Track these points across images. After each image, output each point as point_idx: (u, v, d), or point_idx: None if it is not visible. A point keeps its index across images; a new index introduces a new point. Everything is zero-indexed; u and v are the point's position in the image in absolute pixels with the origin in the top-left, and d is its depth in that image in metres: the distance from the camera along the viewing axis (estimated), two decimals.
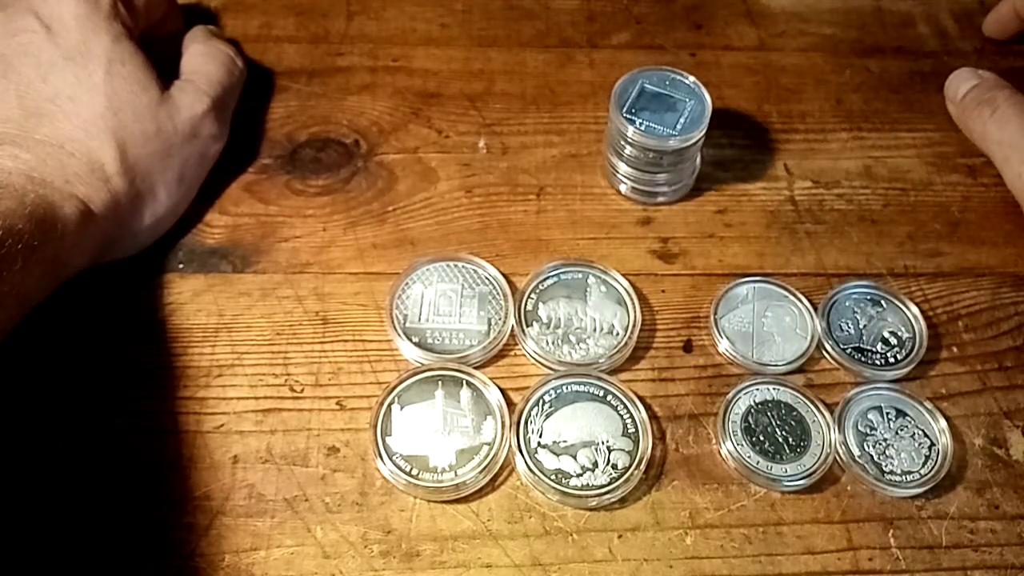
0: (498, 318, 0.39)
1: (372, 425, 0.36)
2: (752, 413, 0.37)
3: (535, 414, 0.37)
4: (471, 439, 0.36)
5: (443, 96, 0.48)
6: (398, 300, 0.40)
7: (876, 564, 0.34)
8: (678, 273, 0.42)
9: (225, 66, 0.45)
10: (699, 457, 0.37)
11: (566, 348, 0.39)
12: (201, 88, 0.42)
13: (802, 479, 0.36)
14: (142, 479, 0.35)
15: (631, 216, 0.44)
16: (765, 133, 0.47)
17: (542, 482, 0.35)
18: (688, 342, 0.40)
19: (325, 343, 0.39)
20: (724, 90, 0.49)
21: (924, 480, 0.36)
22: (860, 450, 0.37)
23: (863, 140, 0.47)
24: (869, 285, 0.41)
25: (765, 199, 0.45)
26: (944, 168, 0.46)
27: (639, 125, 0.41)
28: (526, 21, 0.52)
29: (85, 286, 0.39)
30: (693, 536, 0.35)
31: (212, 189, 0.43)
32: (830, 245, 0.43)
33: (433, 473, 0.35)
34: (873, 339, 0.40)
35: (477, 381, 0.37)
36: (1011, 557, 0.35)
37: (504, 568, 0.34)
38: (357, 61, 0.49)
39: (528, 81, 0.49)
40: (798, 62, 0.51)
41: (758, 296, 0.41)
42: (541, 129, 0.47)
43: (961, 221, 0.44)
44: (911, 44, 0.52)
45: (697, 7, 0.53)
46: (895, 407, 0.38)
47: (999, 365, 0.40)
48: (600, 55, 0.50)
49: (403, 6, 0.52)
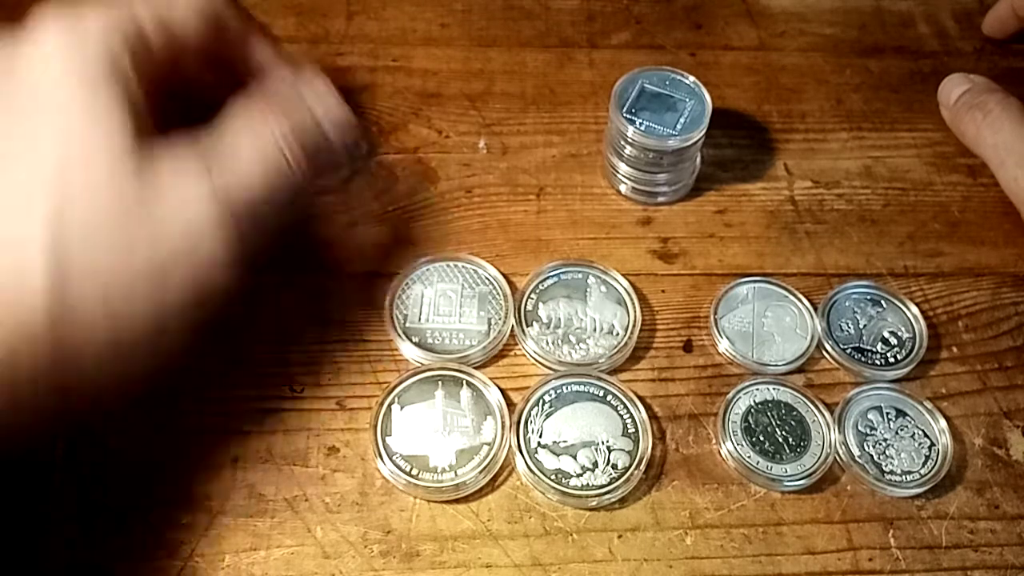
0: (498, 318, 0.39)
1: (372, 425, 0.36)
2: (752, 413, 0.37)
3: (535, 414, 0.37)
4: (471, 439, 0.36)
5: (443, 96, 0.48)
6: (398, 300, 0.40)
7: (876, 564, 0.34)
8: (678, 273, 0.42)
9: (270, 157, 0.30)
10: (699, 457, 0.37)
11: (566, 348, 0.39)
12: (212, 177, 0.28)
13: (802, 479, 0.36)
14: (142, 479, 0.35)
15: (631, 216, 0.44)
16: (765, 133, 0.47)
17: (542, 482, 0.35)
18: (688, 342, 0.40)
19: (325, 343, 0.39)
20: (724, 90, 0.49)
21: (924, 480, 0.36)
22: (860, 450, 0.37)
23: (863, 140, 0.47)
24: (869, 285, 0.41)
25: (765, 199, 0.45)
26: (944, 168, 0.46)
27: (639, 125, 0.41)
28: (526, 21, 0.52)
29: None
30: (693, 536, 0.35)
31: None
32: (830, 245, 0.43)
33: (433, 473, 0.35)
34: (873, 339, 0.40)
35: (477, 381, 0.37)
36: (1011, 557, 0.35)
37: (504, 568, 0.34)
38: (357, 61, 0.49)
39: (528, 81, 0.49)
40: (798, 62, 0.51)
41: (758, 296, 0.41)
42: (541, 129, 0.47)
43: (961, 221, 0.44)
44: (911, 44, 0.52)
45: (697, 7, 0.53)
46: (895, 407, 0.38)
47: (999, 365, 0.40)
48: (600, 55, 0.50)
49: (403, 6, 0.52)
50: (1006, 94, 0.45)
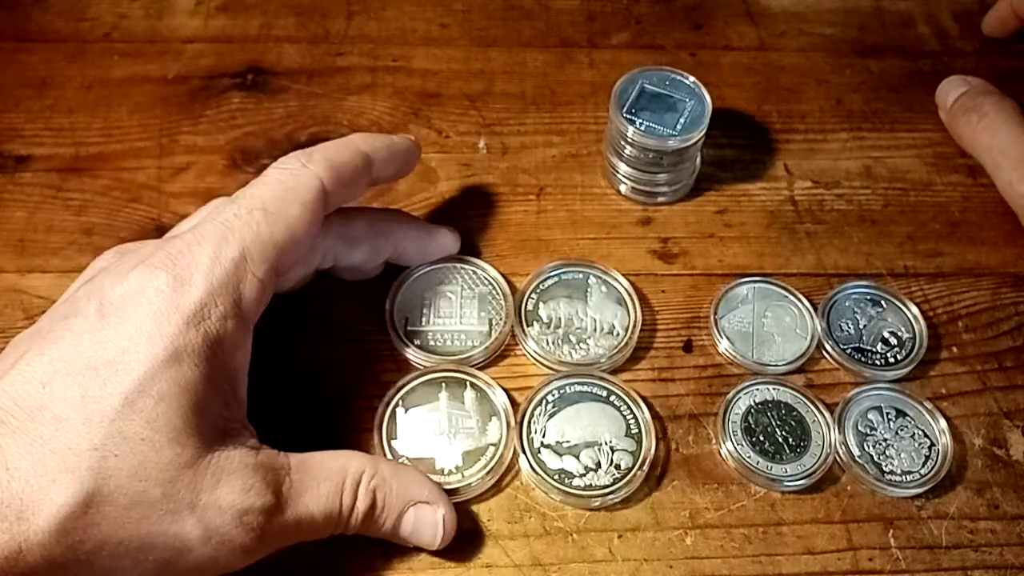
0: (499, 319, 0.39)
1: (377, 428, 0.36)
2: (752, 413, 0.37)
3: (538, 414, 0.37)
4: (477, 440, 0.36)
5: (443, 96, 0.48)
6: (399, 301, 0.40)
7: (876, 564, 0.34)
8: (678, 273, 0.42)
9: (337, 507, 0.31)
10: (699, 457, 0.37)
11: (566, 348, 0.39)
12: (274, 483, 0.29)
13: (802, 479, 0.36)
14: None
15: (631, 216, 0.44)
16: (765, 133, 0.47)
17: (545, 482, 0.35)
18: (688, 342, 0.40)
19: (326, 343, 0.39)
20: (724, 90, 0.49)
21: (924, 480, 0.36)
22: (860, 450, 0.37)
23: (863, 140, 0.47)
24: (869, 285, 0.41)
25: (765, 199, 0.45)
26: (944, 168, 0.46)
27: (639, 125, 0.41)
28: (526, 21, 0.52)
29: None
30: (693, 536, 0.35)
31: (212, 189, 0.43)
32: (830, 245, 0.43)
33: (439, 475, 0.35)
34: (873, 339, 0.40)
35: (481, 382, 0.37)
36: (1011, 557, 0.35)
37: (504, 568, 0.34)
38: (357, 61, 0.49)
39: (528, 81, 0.49)
40: (798, 62, 0.51)
41: (758, 296, 0.41)
42: (541, 129, 0.47)
43: (961, 221, 0.44)
44: (911, 44, 0.52)
45: (697, 7, 0.53)
46: (895, 407, 0.38)
47: (999, 365, 0.40)
48: (600, 55, 0.50)
49: (403, 6, 0.52)
50: (1002, 96, 0.45)
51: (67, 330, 0.28)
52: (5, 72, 0.48)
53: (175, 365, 0.28)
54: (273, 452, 0.30)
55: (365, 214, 0.39)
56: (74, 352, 0.28)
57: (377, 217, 0.39)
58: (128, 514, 0.27)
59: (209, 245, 0.30)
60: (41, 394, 0.27)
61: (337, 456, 0.32)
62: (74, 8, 0.51)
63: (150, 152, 0.45)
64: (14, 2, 0.51)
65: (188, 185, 0.44)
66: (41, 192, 0.43)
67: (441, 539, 0.33)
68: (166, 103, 0.47)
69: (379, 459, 0.33)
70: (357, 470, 0.31)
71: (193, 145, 0.45)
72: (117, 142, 0.45)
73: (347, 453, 0.32)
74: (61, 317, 0.29)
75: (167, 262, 0.29)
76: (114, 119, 0.46)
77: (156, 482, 0.27)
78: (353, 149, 0.35)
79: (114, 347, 0.28)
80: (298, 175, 0.33)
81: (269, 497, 0.29)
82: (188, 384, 0.28)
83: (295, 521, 0.30)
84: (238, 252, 0.30)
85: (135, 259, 0.30)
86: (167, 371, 0.28)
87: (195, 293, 0.29)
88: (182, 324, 0.28)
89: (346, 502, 0.31)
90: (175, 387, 0.28)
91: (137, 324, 0.28)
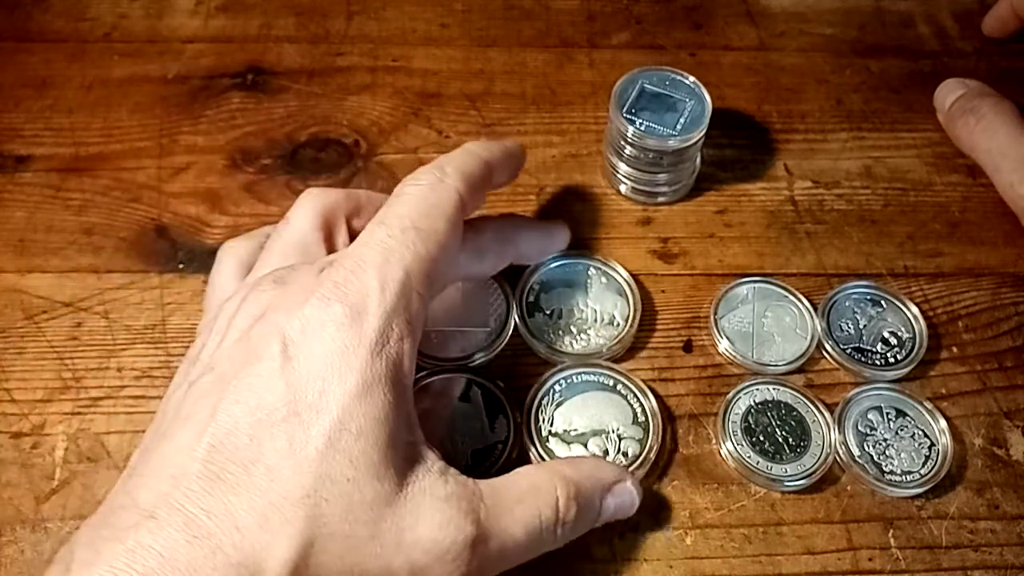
0: (501, 312, 0.39)
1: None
2: (752, 413, 0.37)
3: (545, 403, 0.37)
4: (484, 439, 0.36)
5: (443, 96, 0.48)
6: None
7: (876, 564, 0.34)
8: (678, 273, 0.42)
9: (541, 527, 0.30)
10: (699, 457, 0.37)
11: (567, 339, 0.39)
12: (478, 528, 0.29)
13: (802, 479, 0.36)
14: None
15: (631, 216, 0.44)
16: (765, 133, 0.47)
17: None
18: (688, 342, 0.40)
19: None
20: (724, 90, 0.49)
21: (924, 480, 0.36)
22: (860, 450, 0.37)
23: (863, 140, 0.47)
24: (869, 285, 0.41)
25: (765, 199, 0.45)
26: (944, 168, 0.46)
27: (639, 125, 0.41)
28: (526, 21, 0.52)
29: (87, 286, 0.39)
30: (693, 536, 0.35)
31: (212, 189, 0.43)
32: (830, 245, 0.43)
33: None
34: (873, 339, 0.40)
35: (485, 380, 0.37)
36: (1011, 557, 0.35)
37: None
38: (357, 61, 0.49)
39: (528, 81, 0.49)
40: (798, 62, 0.51)
41: (758, 296, 0.41)
42: (541, 129, 0.47)
43: (961, 221, 0.44)
44: (911, 44, 0.52)
45: (697, 7, 0.53)
46: (895, 407, 0.38)
47: (999, 365, 0.40)
48: (600, 55, 0.50)
49: (403, 6, 0.52)
50: (1000, 98, 0.45)
51: (256, 376, 0.28)
52: (5, 72, 0.48)
53: (367, 397, 0.28)
54: (462, 479, 0.30)
55: (490, 223, 0.39)
56: (272, 399, 0.27)
57: (501, 225, 0.39)
58: (342, 561, 0.27)
59: (372, 269, 0.29)
60: (250, 447, 0.27)
61: (524, 475, 0.31)
62: (74, 8, 0.51)
63: (150, 152, 0.45)
64: (14, 2, 0.51)
65: (188, 185, 0.44)
66: (41, 192, 0.43)
67: (637, 505, 0.33)
68: (166, 103, 0.47)
69: (552, 464, 0.33)
70: (549, 484, 0.31)
71: (193, 145, 0.45)
72: (117, 142, 0.45)
73: (526, 470, 0.32)
74: (242, 362, 0.28)
75: (338, 293, 0.29)
76: (114, 119, 0.46)
77: (363, 523, 0.27)
78: (477, 158, 0.35)
79: (310, 389, 0.27)
80: (439, 191, 0.32)
81: (470, 529, 0.28)
82: (380, 415, 0.28)
83: (499, 549, 0.29)
84: (402, 273, 0.30)
85: (300, 290, 0.30)
86: (361, 406, 0.28)
87: (373, 322, 0.29)
88: (367, 356, 0.28)
89: (547, 517, 0.30)
90: (370, 420, 0.28)
91: (325, 362, 0.28)
